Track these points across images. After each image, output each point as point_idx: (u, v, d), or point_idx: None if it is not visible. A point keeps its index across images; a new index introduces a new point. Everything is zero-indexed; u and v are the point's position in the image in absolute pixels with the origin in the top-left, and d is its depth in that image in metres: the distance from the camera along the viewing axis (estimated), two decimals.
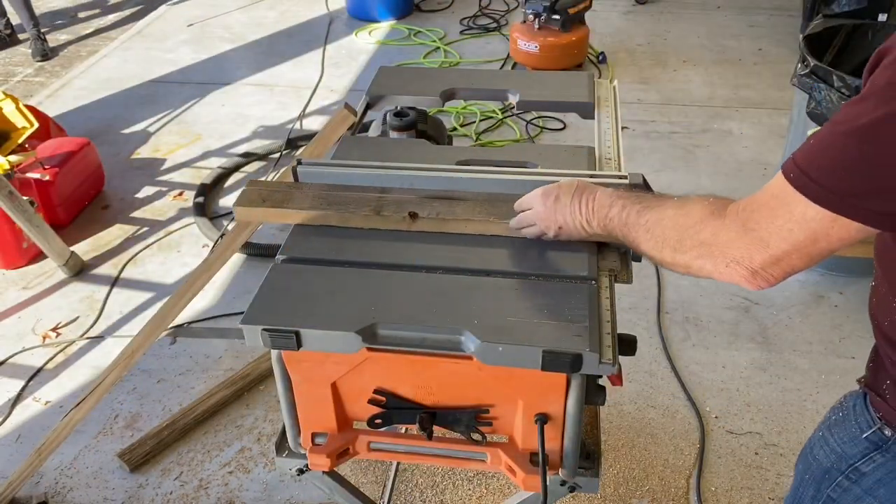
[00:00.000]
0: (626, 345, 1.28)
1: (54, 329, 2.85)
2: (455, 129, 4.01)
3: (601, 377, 1.24)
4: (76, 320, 2.90)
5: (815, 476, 1.20)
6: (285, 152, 3.81)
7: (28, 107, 3.26)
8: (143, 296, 3.01)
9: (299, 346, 1.19)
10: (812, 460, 1.21)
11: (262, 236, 3.24)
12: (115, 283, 3.08)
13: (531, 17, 4.46)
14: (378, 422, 1.30)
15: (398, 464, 2.27)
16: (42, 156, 3.25)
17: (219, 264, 2.01)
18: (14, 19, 5.37)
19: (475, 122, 4.07)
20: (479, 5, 5.61)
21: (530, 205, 1.31)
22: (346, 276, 1.30)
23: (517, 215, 1.34)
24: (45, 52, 5.20)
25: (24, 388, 2.61)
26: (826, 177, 0.85)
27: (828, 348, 2.63)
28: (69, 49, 5.39)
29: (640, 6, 5.63)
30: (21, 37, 5.44)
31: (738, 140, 3.90)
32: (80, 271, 3.13)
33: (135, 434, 2.41)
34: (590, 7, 4.59)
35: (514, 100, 1.91)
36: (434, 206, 1.41)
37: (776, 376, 2.54)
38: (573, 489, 1.35)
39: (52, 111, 4.16)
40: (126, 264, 3.17)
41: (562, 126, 4.04)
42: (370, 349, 1.20)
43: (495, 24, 5.32)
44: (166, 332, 2.79)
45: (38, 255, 3.18)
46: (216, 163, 3.82)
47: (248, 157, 3.86)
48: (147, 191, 3.66)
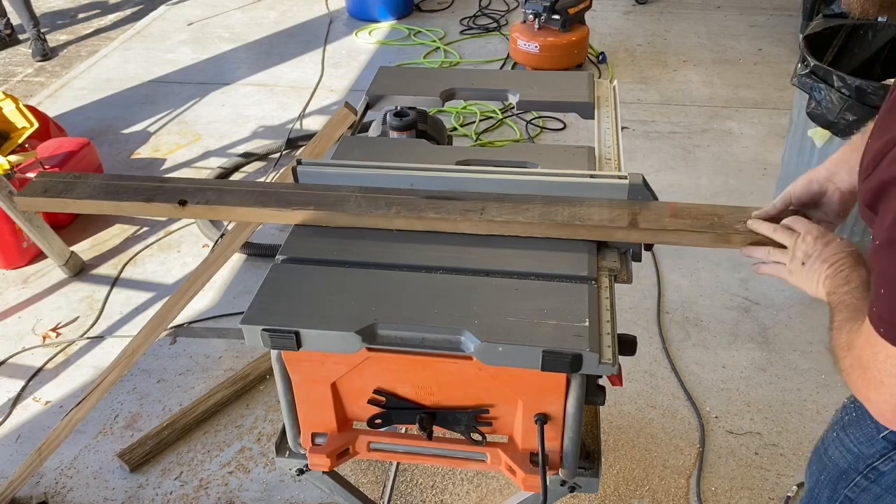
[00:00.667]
0: (626, 345, 1.29)
1: (54, 329, 2.85)
2: (455, 129, 4.01)
3: (601, 377, 1.24)
4: (76, 320, 2.90)
5: (831, 477, 1.20)
6: (285, 152, 3.81)
7: (28, 107, 3.26)
8: (143, 296, 3.01)
9: (299, 346, 1.19)
10: (827, 461, 1.20)
11: (262, 236, 3.24)
12: (115, 283, 3.08)
13: (531, 17, 4.46)
14: (378, 422, 1.31)
15: (398, 464, 2.27)
16: (42, 156, 3.25)
17: (219, 264, 2.01)
18: (14, 19, 5.37)
19: (475, 122, 4.07)
20: (479, 5, 5.61)
21: (800, 228, 1.22)
22: (345, 276, 1.30)
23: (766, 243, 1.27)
24: (45, 52, 5.20)
25: (24, 388, 2.61)
26: None
27: (828, 348, 2.62)
28: (69, 49, 5.39)
29: (640, 6, 5.63)
30: (21, 37, 5.44)
31: (738, 140, 3.90)
32: (80, 271, 3.13)
33: (135, 434, 2.41)
34: (590, 7, 4.58)
35: (514, 100, 1.91)
36: (206, 194, 1.49)
37: (776, 376, 2.54)
38: (573, 489, 1.35)
39: (52, 111, 4.17)
40: (126, 264, 3.18)
41: (562, 126, 4.04)
42: (370, 349, 1.20)
43: (495, 24, 5.32)
44: (166, 332, 2.79)
45: (38, 255, 3.18)
46: (216, 163, 3.82)
47: (248, 157, 3.85)
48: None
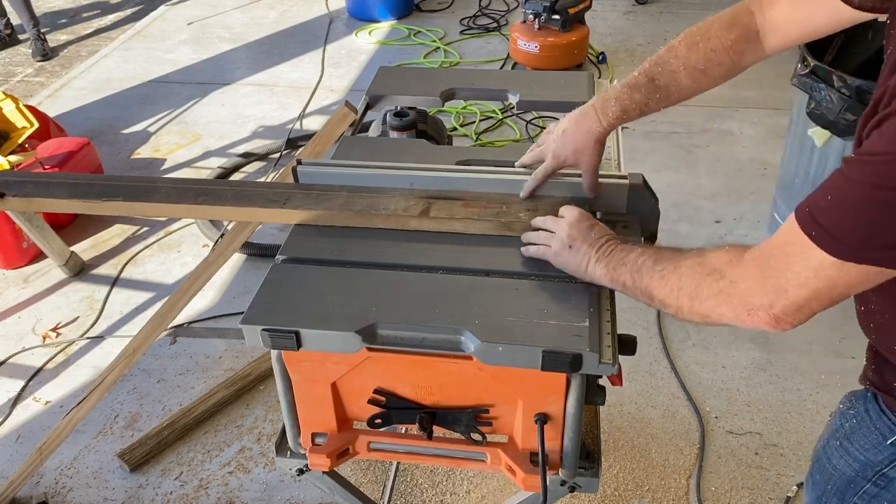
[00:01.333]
0: (626, 345, 1.29)
1: (54, 329, 2.85)
2: (455, 129, 4.01)
3: (601, 377, 1.24)
4: (76, 320, 2.90)
5: (838, 486, 1.18)
6: (285, 152, 3.81)
7: (28, 107, 3.26)
8: (143, 296, 3.01)
9: (299, 346, 1.19)
10: (832, 470, 1.19)
11: (262, 236, 3.24)
12: (115, 283, 3.08)
13: (531, 17, 4.46)
14: (378, 422, 1.30)
15: (398, 464, 2.27)
16: (42, 156, 3.25)
17: (219, 264, 2.01)
18: (14, 19, 5.37)
19: (475, 122, 4.07)
20: (479, 5, 5.61)
21: (565, 214, 1.30)
22: (345, 276, 1.30)
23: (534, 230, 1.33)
24: (45, 52, 5.20)
25: (24, 388, 2.61)
26: (843, 232, 0.85)
27: (828, 348, 2.63)
28: (69, 49, 5.39)
29: (640, 6, 5.63)
30: (21, 37, 5.44)
31: (738, 140, 3.90)
32: (80, 271, 3.13)
33: (135, 434, 2.41)
34: (590, 7, 4.58)
35: (514, 100, 1.91)
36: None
37: (776, 376, 2.54)
38: (573, 489, 1.35)
39: (52, 111, 4.17)
40: (126, 264, 3.17)
41: None
42: (370, 349, 1.20)
43: (495, 24, 5.31)
44: (166, 332, 2.79)
45: (38, 255, 3.18)
46: (216, 163, 3.82)
47: (248, 157, 3.85)
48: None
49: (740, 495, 2.18)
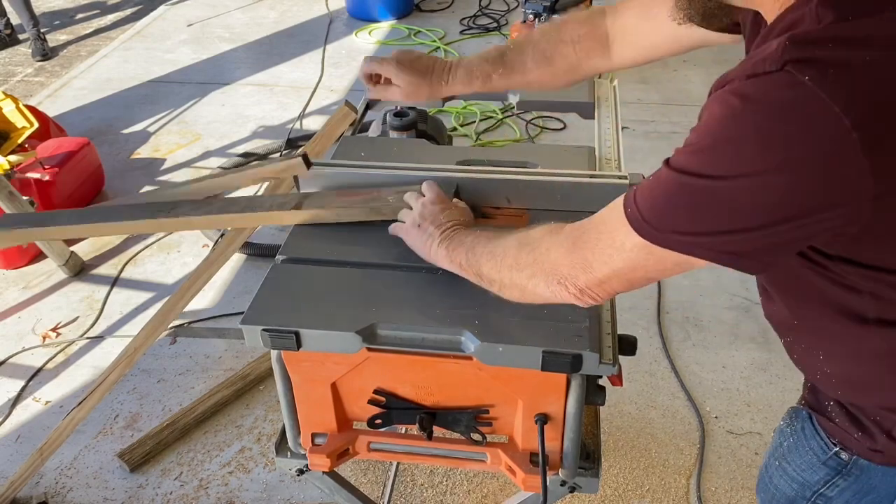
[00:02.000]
0: (627, 345, 1.28)
1: (54, 329, 2.85)
2: (455, 129, 4.01)
3: (601, 377, 1.24)
4: (76, 320, 2.90)
5: None
6: (285, 152, 3.81)
7: (28, 107, 3.26)
8: (143, 296, 3.01)
9: (299, 346, 1.19)
10: (774, 490, 1.19)
11: (262, 236, 3.24)
12: (115, 283, 3.08)
13: (531, 16, 4.46)
14: (378, 422, 1.30)
15: (398, 464, 2.27)
16: (42, 156, 3.25)
17: (219, 263, 2.01)
18: (14, 19, 5.37)
19: (475, 122, 4.07)
20: (479, 5, 5.61)
21: (412, 205, 1.31)
22: (346, 276, 1.30)
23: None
24: (45, 52, 5.20)
25: (24, 388, 2.61)
26: (649, 210, 0.86)
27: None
28: (69, 49, 5.39)
29: None
30: (21, 37, 5.44)
31: None
32: (80, 271, 3.13)
33: (135, 434, 2.41)
34: (590, 7, 4.58)
35: (514, 100, 1.90)
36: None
37: (776, 376, 2.54)
38: (573, 489, 1.35)
39: (52, 111, 4.16)
40: (126, 264, 3.17)
41: (562, 126, 4.04)
42: (370, 349, 1.20)
43: (495, 24, 5.31)
44: (167, 332, 2.79)
45: (38, 255, 3.17)
46: (216, 163, 3.82)
47: (248, 157, 3.86)
48: (147, 191, 3.66)
49: (740, 495, 2.18)
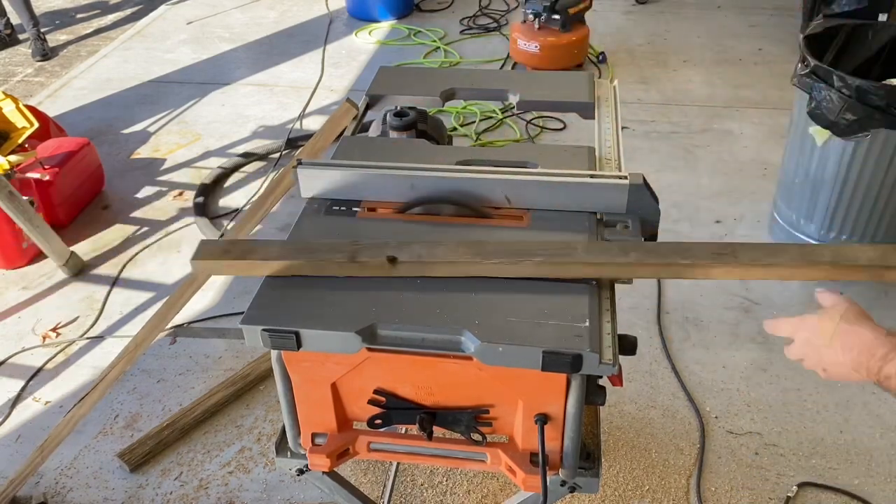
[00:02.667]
0: (627, 345, 1.29)
1: (54, 329, 2.85)
2: (455, 129, 4.01)
3: (601, 377, 1.24)
4: (76, 320, 2.89)
5: None
6: (285, 152, 3.81)
7: (28, 107, 3.25)
8: (143, 296, 3.00)
9: (299, 346, 1.19)
10: None
11: (262, 236, 3.24)
12: (115, 283, 3.08)
13: (531, 17, 4.46)
14: (378, 422, 1.30)
15: (398, 464, 2.27)
16: (42, 156, 3.25)
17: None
18: (14, 19, 5.37)
19: (475, 122, 4.07)
20: (479, 5, 5.61)
21: (790, 334, 1.15)
22: (346, 276, 1.30)
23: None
24: (45, 52, 5.20)
25: (24, 388, 2.61)
26: None
27: None
28: (69, 49, 5.39)
29: (640, 6, 5.63)
30: (21, 37, 5.44)
31: (738, 140, 3.90)
32: (80, 271, 3.13)
33: (135, 434, 2.41)
34: (590, 7, 4.58)
35: (514, 100, 1.91)
36: (414, 248, 1.29)
37: (776, 376, 2.54)
38: (573, 489, 1.35)
39: (52, 111, 4.16)
40: (126, 264, 3.17)
41: (562, 126, 4.04)
42: (370, 349, 1.20)
43: (495, 24, 5.31)
44: (166, 332, 2.79)
45: (38, 255, 3.17)
46: (216, 163, 3.81)
47: (248, 157, 3.86)
48: (147, 191, 3.66)
49: (740, 495, 2.18)
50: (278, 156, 3.80)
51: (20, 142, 3.12)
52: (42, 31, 5.23)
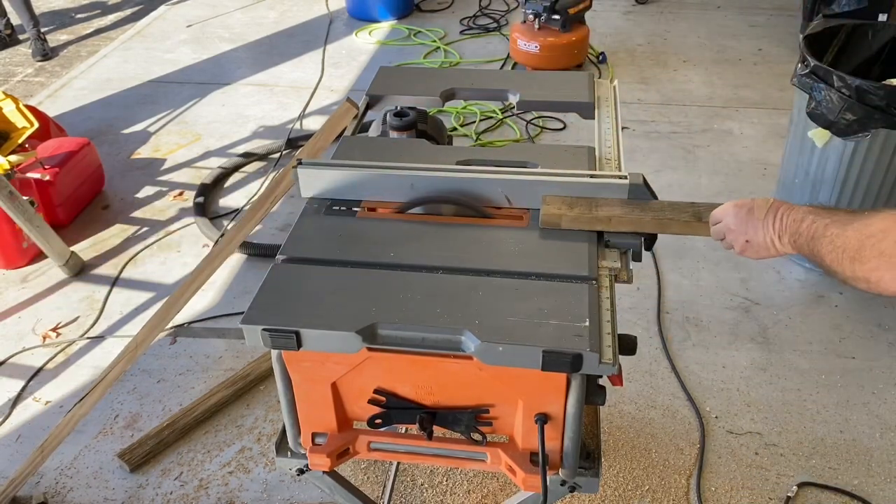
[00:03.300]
0: (627, 345, 1.29)
1: (54, 329, 2.85)
2: (455, 129, 4.01)
3: (601, 377, 1.24)
4: (76, 320, 2.90)
5: None
6: (285, 152, 3.81)
7: (28, 107, 3.26)
8: (143, 296, 3.01)
9: (299, 346, 1.19)
10: None
11: (262, 236, 3.25)
12: (115, 283, 3.08)
13: (531, 17, 4.46)
14: (378, 422, 1.31)
15: (398, 464, 2.27)
16: (42, 156, 3.25)
17: (221, 258, 2.00)
18: (14, 19, 5.37)
19: (475, 122, 4.07)
20: (479, 5, 5.61)
21: (721, 217, 1.30)
22: (346, 276, 1.30)
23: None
24: (45, 52, 5.20)
25: (24, 388, 2.61)
26: None
27: (828, 348, 2.63)
28: (69, 49, 5.39)
29: (640, 6, 5.63)
30: (21, 37, 5.44)
31: (738, 140, 3.90)
32: (80, 271, 3.13)
33: (135, 434, 2.41)
34: (590, 7, 4.58)
35: (514, 100, 1.91)
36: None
37: (776, 376, 2.54)
38: (573, 489, 1.35)
39: (52, 111, 4.17)
40: (126, 264, 3.17)
41: (562, 126, 4.04)
42: (370, 349, 1.20)
43: (495, 24, 5.32)
44: (166, 332, 2.79)
45: (38, 255, 3.17)
46: (216, 163, 3.81)
47: (248, 157, 3.86)
48: (147, 191, 3.66)
49: (740, 495, 2.18)
50: (278, 156, 3.80)
51: (20, 142, 3.12)
52: (42, 31, 5.23)
